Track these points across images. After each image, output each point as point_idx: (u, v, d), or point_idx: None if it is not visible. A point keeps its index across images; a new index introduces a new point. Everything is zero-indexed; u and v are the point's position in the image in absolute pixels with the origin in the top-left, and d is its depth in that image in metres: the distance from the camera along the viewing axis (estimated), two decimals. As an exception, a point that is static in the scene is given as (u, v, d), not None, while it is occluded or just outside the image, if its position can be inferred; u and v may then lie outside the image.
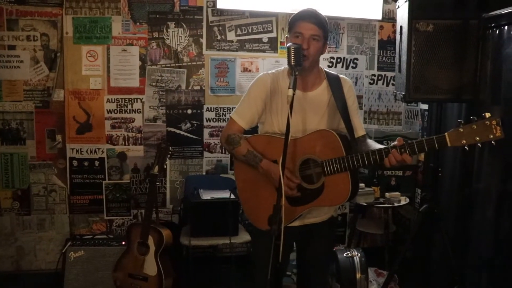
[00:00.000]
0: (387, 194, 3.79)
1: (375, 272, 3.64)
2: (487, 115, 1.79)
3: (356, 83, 4.11)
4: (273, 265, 1.88)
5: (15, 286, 3.69)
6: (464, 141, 1.81)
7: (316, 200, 2.14)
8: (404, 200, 3.81)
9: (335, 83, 2.29)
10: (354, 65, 4.10)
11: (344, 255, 3.25)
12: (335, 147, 2.08)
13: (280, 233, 1.89)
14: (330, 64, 4.05)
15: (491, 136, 1.78)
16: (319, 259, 2.44)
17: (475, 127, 1.80)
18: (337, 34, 4.05)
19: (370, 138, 2.49)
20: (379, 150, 1.99)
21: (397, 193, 3.81)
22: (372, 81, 4.16)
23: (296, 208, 2.19)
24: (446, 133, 1.85)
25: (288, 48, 2.01)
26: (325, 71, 2.33)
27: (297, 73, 1.99)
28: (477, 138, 1.80)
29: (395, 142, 1.96)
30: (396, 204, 3.73)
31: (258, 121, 2.36)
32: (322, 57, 3.88)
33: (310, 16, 2.13)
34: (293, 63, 1.99)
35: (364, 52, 4.11)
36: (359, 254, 3.26)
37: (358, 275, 3.16)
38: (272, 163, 2.17)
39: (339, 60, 4.07)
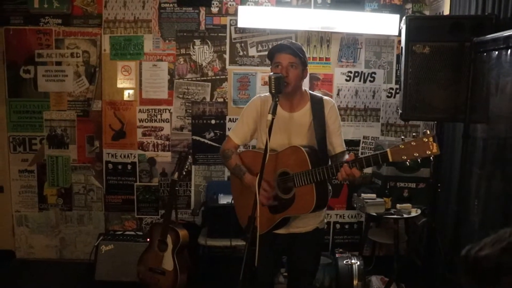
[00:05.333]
0: (398, 206, 3.90)
1: (381, 280, 3.78)
2: (427, 132, 1.94)
3: (373, 96, 4.26)
4: (249, 268, 2.17)
5: (58, 272, 4.14)
6: (405, 157, 1.97)
7: (289, 208, 2.39)
8: (415, 212, 3.89)
9: (317, 105, 2.51)
10: (371, 79, 4.25)
11: (344, 262, 3.44)
12: (303, 161, 2.31)
13: (255, 239, 2.17)
14: (348, 78, 4.22)
15: (428, 152, 1.92)
16: (304, 265, 2.67)
17: (414, 144, 1.95)
18: (355, 49, 4.21)
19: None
20: (336, 164, 2.21)
21: (408, 204, 3.91)
22: (389, 95, 4.28)
23: (275, 216, 2.45)
24: (388, 149, 2.01)
25: (269, 78, 2.26)
26: (310, 93, 2.56)
27: (277, 99, 2.25)
28: (416, 154, 1.95)
29: (347, 157, 2.17)
30: (405, 216, 3.84)
31: (251, 138, 2.64)
32: (340, 70, 4.12)
33: (286, 48, 2.38)
34: (273, 91, 2.25)
35: (382, 66, 4.24)
36: (358, 262, 3.44)
37: (355, 282, 3.35)
38: (253, 177, 2.43)
39: (356, 74, 4.23)
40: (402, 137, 2.03)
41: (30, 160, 4.27)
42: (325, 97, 2.56)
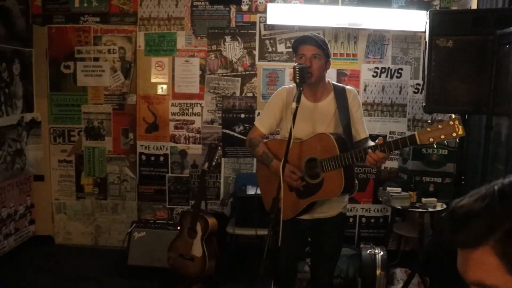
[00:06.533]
0: (423, 200, 3.94)
1: (405, 272, 3.82)
2: (452, 116, 2.04)
3: (400, 92, 4.31)
4: (272, 248, 2.30)
5: (93, 257, 4.37)
6: (432, 139, 2.07)
7: (318, 193, 2.50)
8: (440, 206, 3.92)
9: (340, 94, 2.62)
10: (398, 75, 4.30)
11: (368, 252, 3.51)
12: (331, 147, 2.42)
13: (278, 221, 2.29)
14: (375, 74, 4.28)
15: (454, 134, 2.03)
16: (326, 251, 2.77)
17: (440, 126, 2.06)
18: (382, 46, 4.28)
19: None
20: (364, 148, 2.31)
21: (434, 199, 3.94)
22: (416, 90, 4.32)
23: (302, 200, 2.56)
24: (416, 133, 2.13)
25: (294, 68, 2.39)
26: (332, 83, 2.66)
27: (301, 89, 2.37)
28: (442, 136, 2.06)
29: (377, 141, 2.28)
30: (430, 210, 3.88)
31: (276, 128, 2.76)
32: (367, 66, 4.19)
33: (309, 40, 2.50)
34: (297, 81, 2.37)
35: (409, 62, 4.29)
36: (381, 253, 3.50)
37: (378, 272, 3.41)
38: (280, 163, 2.55)
39: (383, 70, 4.29)
40: (429, 120, 2.13)
41: (69, 150, 4.52)
42: (347, 87, 2.66)
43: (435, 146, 2.13)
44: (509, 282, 0.79)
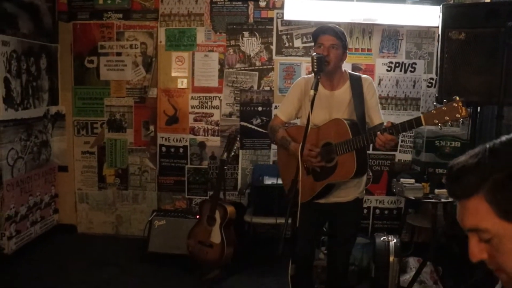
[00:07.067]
0: (436, 191, 4.02)
1: (418, 261, 3.91)
2: (456, 98, 2.13)
3: (414, 86, 4.40)
4: (291, 228, 2.42)
5: (114, 246, 4.51)
6: (436, 121, 2.17)
7: (332, 175, 2.62)
8: (453, 197, 4.00)
9: (356, 83, 2.73)
10: (412, 69, 4.39)
11: (381, 239, 3.61)
12: (344, 131, 2.54)
13: (296, 202, 2.40)
14: (389, 68, 4.38)
15: (458, 115, 2.12)
16: (343, 234, 2.87)
17: (444, 108, 2.15)
18: (396, 41, 4.38)
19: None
20: (374, 131, 2.43)
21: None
22: (430, 85, 4.41)
23: (318, 183, 2.68)
24: (421, 115, 2.24)
25: (312, 57, 2.51)
26: (349, 73, 2.78)
27: (319, 77, 2.49)
28: (447, 118, 2.14)
29: (385, 124, 2.40)
30: (443, 200, 3.95)
31: (296, 116, 2.89)
32: (381, 61, 4.29)
33: (329, 30, 2.62)
34: (315, 70, 2.49)
35: (423, 57, 4.38)
36: (395, 240, 3.59)
37: (391, 258, 3.50)
38: (298, 145, 2.67)
39: (397, 64, 4.39)
40: (435, 103, 2.23)
41: (92, 142, 4.69)
42: (363, 75, 2.78)
43: (440, 127, 2.21)
44: (499, 224, 0.93)
